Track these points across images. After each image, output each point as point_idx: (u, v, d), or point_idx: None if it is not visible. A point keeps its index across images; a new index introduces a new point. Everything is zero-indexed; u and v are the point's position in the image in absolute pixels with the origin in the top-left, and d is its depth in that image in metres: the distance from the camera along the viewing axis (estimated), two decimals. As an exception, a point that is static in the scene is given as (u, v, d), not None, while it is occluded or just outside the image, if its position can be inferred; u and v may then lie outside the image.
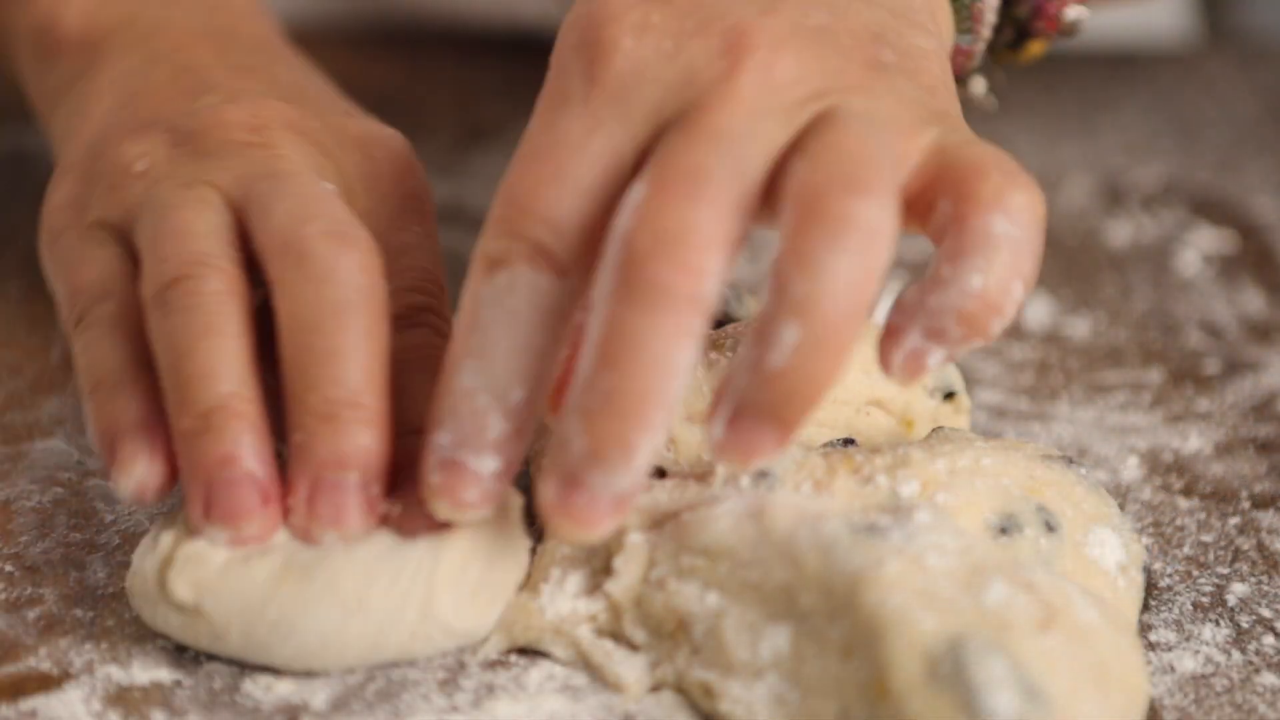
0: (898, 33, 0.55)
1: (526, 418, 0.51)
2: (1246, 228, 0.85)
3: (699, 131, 0.50)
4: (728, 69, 0.51)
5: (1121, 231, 0.85)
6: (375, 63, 1.01)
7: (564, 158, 0.51)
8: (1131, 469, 0.65)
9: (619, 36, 0.52)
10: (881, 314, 0.76)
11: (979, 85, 0.66)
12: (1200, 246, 0.83)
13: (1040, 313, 0.77)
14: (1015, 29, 0.66)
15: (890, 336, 0.51)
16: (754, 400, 0.49)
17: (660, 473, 0.57)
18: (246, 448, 0.53)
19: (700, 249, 0.48)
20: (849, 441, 0.58)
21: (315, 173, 0.59)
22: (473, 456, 0.51)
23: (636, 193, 0.49)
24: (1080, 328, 0.76)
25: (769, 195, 0.51)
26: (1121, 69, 1.04)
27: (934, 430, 0.58)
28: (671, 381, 0.48)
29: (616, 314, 0.48)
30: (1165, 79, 1.04)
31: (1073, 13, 0.66)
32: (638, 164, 0.51)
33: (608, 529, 0.50)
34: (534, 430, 0.52)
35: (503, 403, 0.51)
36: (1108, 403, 0.70)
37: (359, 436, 0.53)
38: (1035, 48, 0.67)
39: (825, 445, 0.58)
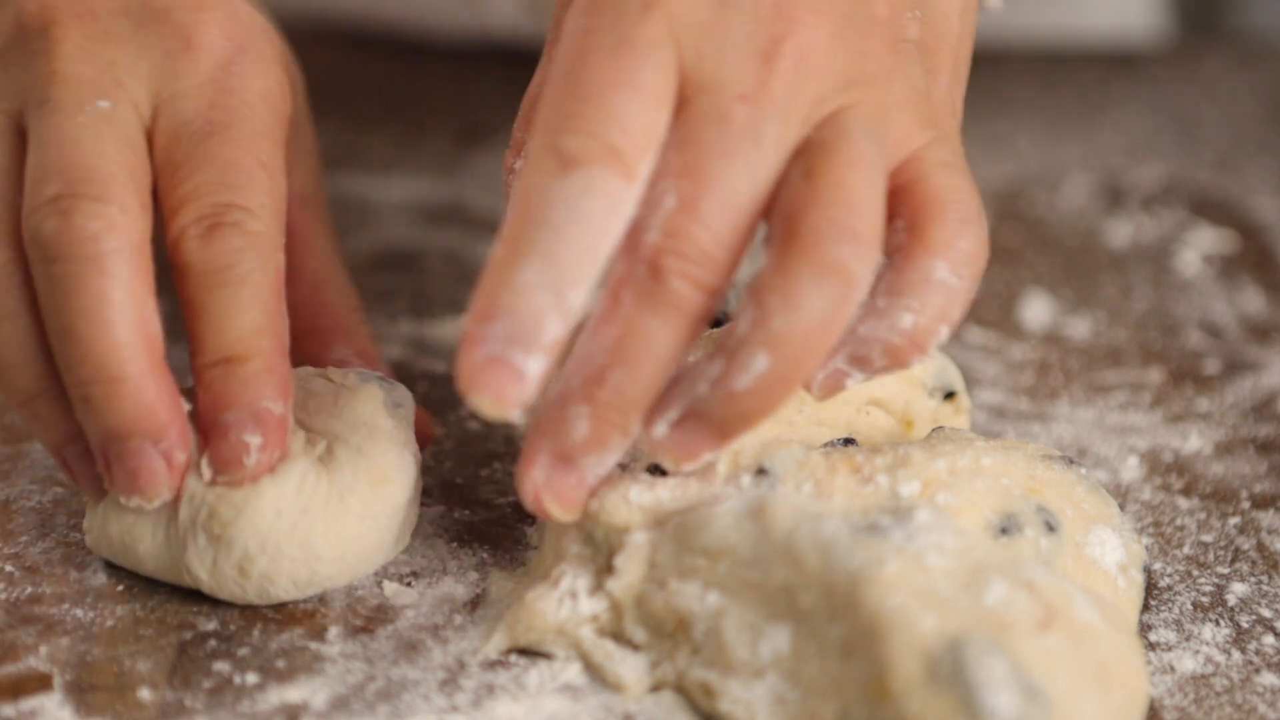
0: None
1: (575, 322, 0.51)
2: (1246, 228, 0.85)
3: (731, 132, 0.52)
4: (767, 49, 0.52)
5: (1121, 231, 0.85)
6: (375, 63, 1.01)
7: (630, 65, 0.51)
8: (1131, 469, 0.65)
9: None
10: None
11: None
12: (1200, 246, 0.83)
13: (1040, 313, 0.77)
14: None
15: None
16: (709, 411, 0.52)
17: (661, 471, 0.57)
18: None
19: (722, 269, 0.52)
20: (849, 441, 0.58)
21: (93, 83, 0.57)
22: (523, 355, 0.50)
23: (668, 200, 0.51)
24: (1080, 328, 0.76)
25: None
26: (1121, 69, 1.05)
27: (934, 430, 0.58)
28: (665, 381, 0.52)
29: (636, 316, 0.51)
30: (1165, 79, 1.04)
31: None
32: (679, 91, 0.52)
33: (581, 511, 0.54)
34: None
35: (560, 304, 0.50)
36: (1108, 403, 0.70)
37: (122, 410, 0.54)
38: None
39: (826, 445, 0.58)
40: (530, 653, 0.55)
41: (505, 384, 0.50)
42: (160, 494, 0.55)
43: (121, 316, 0.54)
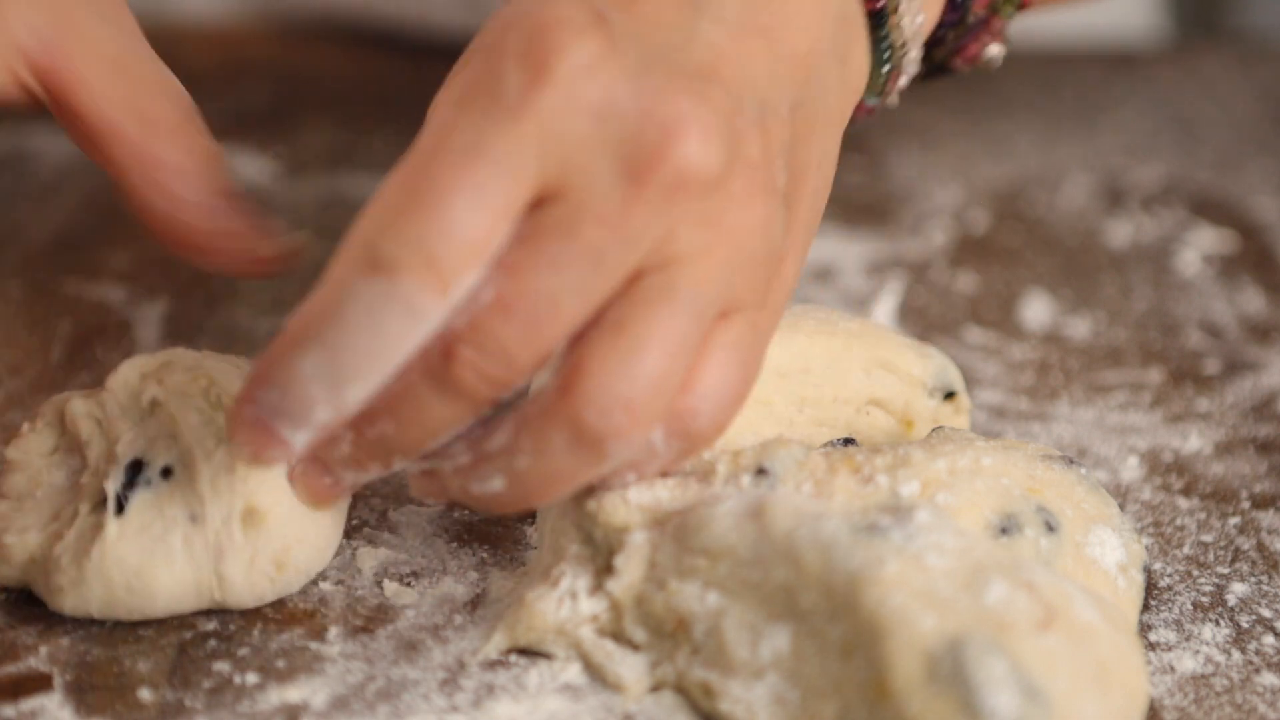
0: (807, 139, 0.55)
1: (353, 409, 0.51)
2: (1246, 228, 0.85)
3: (573, 249, 0.50)
4: (640, 171, 0.50)
5: (1121, 231, 0.85)
6: (375, 63, 1.01)
7: (477, 177, 0.49)
8: (1131, 469, 0.65)
9: (567, 66, 0.50)
10: (881, 315, 0.77)
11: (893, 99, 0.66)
12: (1200, 246, 0.83)
13: (1040, 313, 0.77)
14: (930, 66, 0.66)
15: None
16: (447, 486, 0.54)
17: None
18: None
19: (520, 370, 0.51)
20: (849, 441, 0.58)
21: None
22: (289, 429, 0.51)
23: (485, 291, 0.50)
24: (1080, 328, 0.76)
25: None
26: (1121, 69, 1.05)
27: (934, 430, 0.58)
28: (434, 443, 0.53)
29: (418, 385, 0.51)
30: (1165, 79, 1.04)
31: (993, 50, 0.66)
32: (535, 196, 0.50)
33: (329, 505, 0.56)
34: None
35: (334, 397, 0.50)
36: (1108, 403, 0.70)
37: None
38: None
39: (825, 445, 0.58)
40: (530, 653, 0.55)
41: (265, 446, 0.53)
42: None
43: None
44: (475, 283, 0.50)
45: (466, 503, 0.54)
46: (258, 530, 0.55)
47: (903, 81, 0.63)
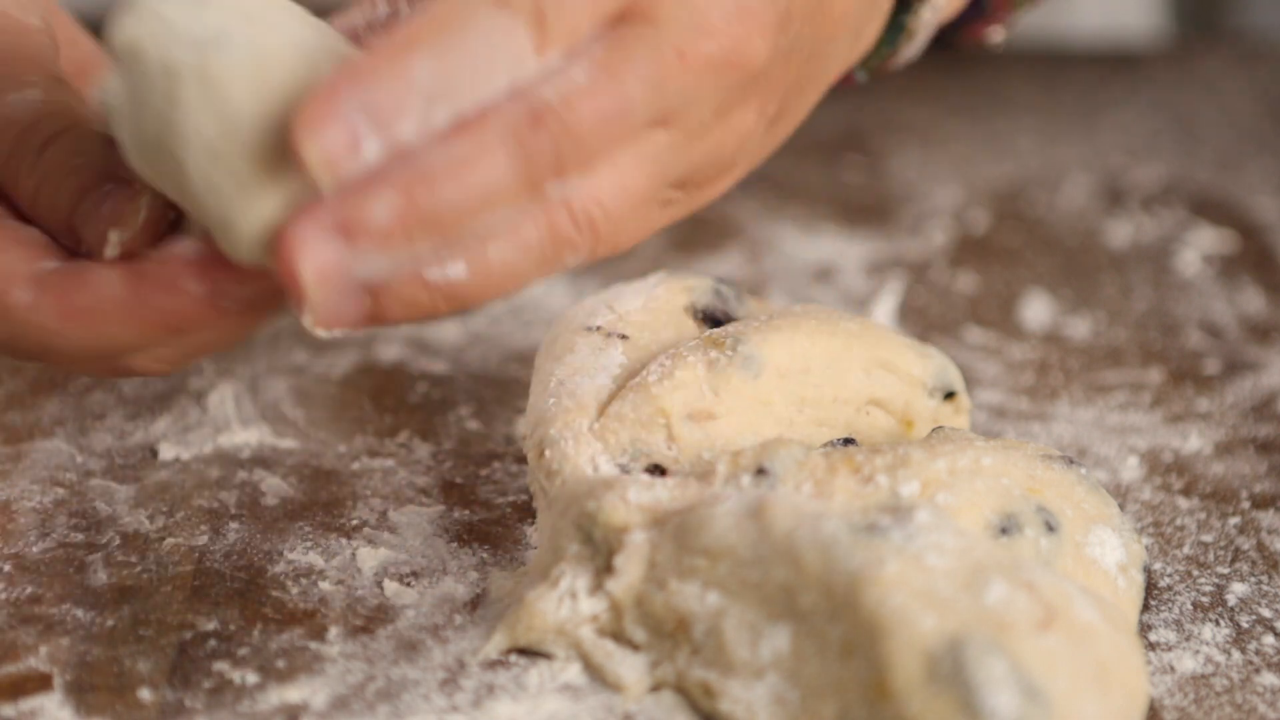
0: (803, 88, 0.59)
1: (430, 138, 0.50)
2: (1246, 228, 0.85)
3: (657, 68, 0.52)
4: (715, 30, 0.53)
5: (1121, 231, 0.85)
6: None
7: None
8: (1131, 469, 0.65)
9: None
10: (881, 315, 0.77)
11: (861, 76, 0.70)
12: (1200, 246, 0.84)
13: (1040, 313, 0.77)
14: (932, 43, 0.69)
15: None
16: (395, 295, 0.51)
17: (661, 471, 0.57)
18: None
19: (576, 163, 0.51)
20: (849, 441, 0.58)
21: None
22: (369, 130, 0.48)
23: (579, 74, 0.51)
24: (1080, 328, 0.76)
25: None
26: (1121, 69, 1.05)
27: (934, 430, 0.58)
28: (467, 227, 0.50)
29: (494, 148, 0.50)
30: (1165, 79, 1.04)
31: (997, 35, 0.69)
32: (622, 12, 0.52)
33: (320, 295, 0.49)
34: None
35: (426, 113, 0.49)
36: (1108, 403, 0.70)
37: None
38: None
39: (825, 445, 0.58)
40: (530, 653, 0.55)
41: (339, 149, 0.48)
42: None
43: None
44: (559, 66, 0.51)
45: (414, 299, 0.51)
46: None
47: (898, 63, 0.66)
